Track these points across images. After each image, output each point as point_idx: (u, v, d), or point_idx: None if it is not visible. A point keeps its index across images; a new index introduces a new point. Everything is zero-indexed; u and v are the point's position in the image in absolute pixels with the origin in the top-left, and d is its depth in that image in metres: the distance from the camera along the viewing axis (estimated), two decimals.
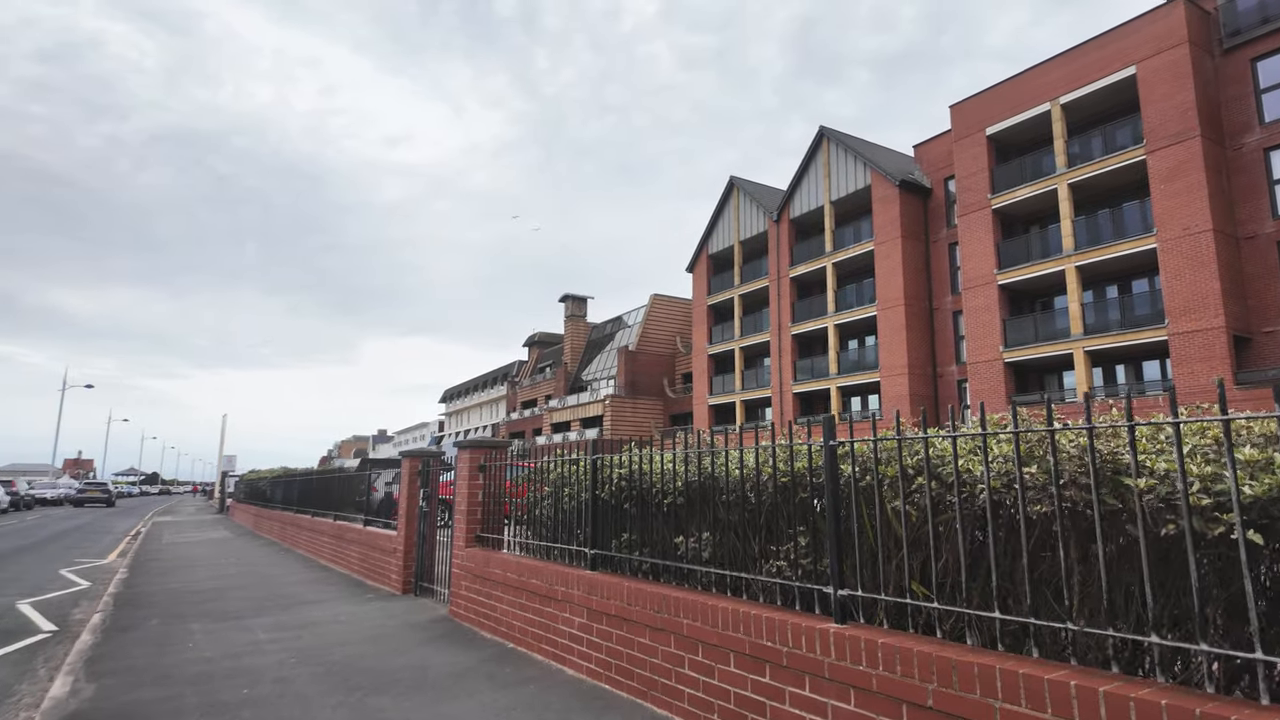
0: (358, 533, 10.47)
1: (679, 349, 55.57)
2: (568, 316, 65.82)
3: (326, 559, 12.25)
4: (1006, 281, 27.90)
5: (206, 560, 13.67)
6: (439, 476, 8.29)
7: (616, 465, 5.09)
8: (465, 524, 6.78)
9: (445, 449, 8.00)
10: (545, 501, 5.93)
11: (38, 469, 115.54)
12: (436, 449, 8.61)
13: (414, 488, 8.51)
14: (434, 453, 8.50)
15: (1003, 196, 28.31)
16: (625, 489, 4.97)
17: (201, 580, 10.59)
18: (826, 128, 36.50)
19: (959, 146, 30.06)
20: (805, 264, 36.82)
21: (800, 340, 37.38)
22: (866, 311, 33.30)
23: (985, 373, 27.99)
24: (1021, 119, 28.06)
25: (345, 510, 11.83)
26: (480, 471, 6.85)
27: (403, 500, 8.65)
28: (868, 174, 34.10)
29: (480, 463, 6.87)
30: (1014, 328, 27.73)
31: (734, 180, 42.45)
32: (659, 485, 4.68)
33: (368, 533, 9.98)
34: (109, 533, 23.42)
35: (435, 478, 8.22)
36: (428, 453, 8.49)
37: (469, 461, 6.85)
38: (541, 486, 6.04)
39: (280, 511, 17.65)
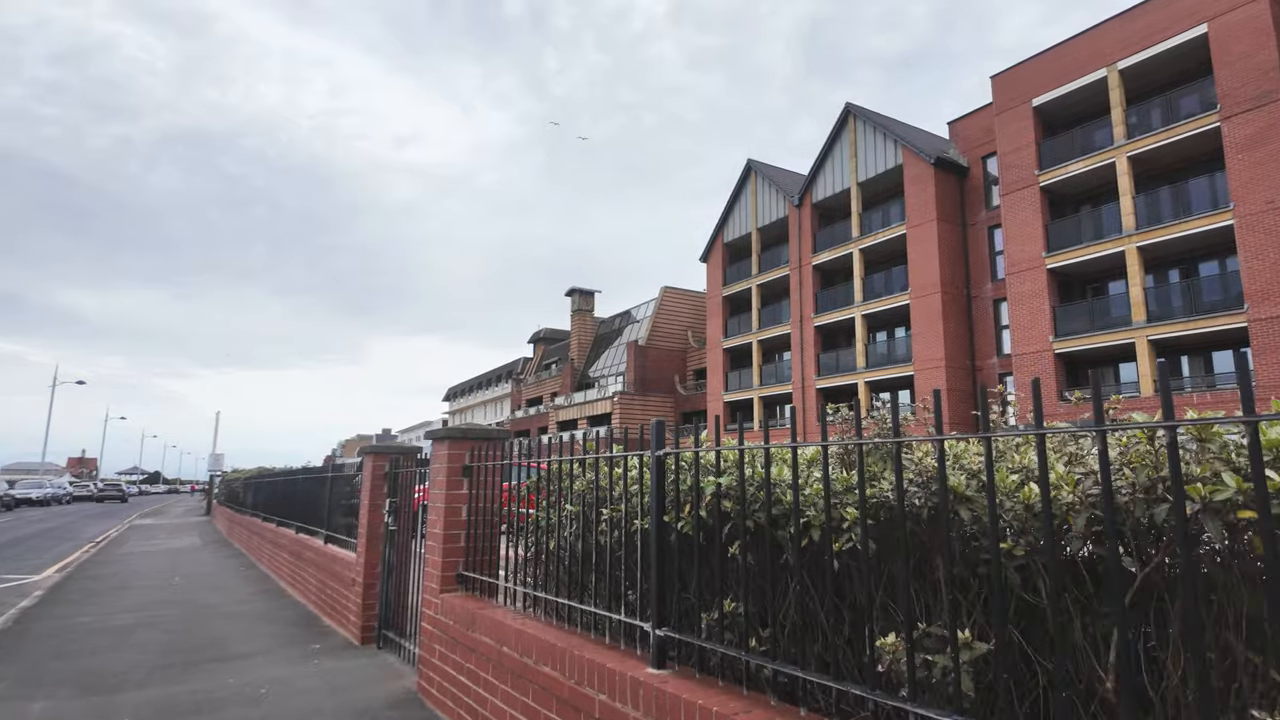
0: (316, 551, 8.19)
1: (691, 343, 53.22)
2: (574, 311, 63.54)
3: (285, 580, 9.96)
4: (1056, 265, 25.48)
5: (149, 578, 11.42)
6: (414, 482, 6.00)
7: (707, 469, 2.80)
8: (441, 555, 4.48)
9: (423, 448, 5.90)
10: (567, 529, 3.61)
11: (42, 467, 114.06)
12: (409, 445, 6.32)
13: (377, 496, 6.21)
14: (404, 449, 6.20)
15: (1052, 173, 25.89)
16: (728, 515, 2.67)
17: (119, 612, 8.32)
18: (853, 104, 34.12)
19: (1001, 120, 27.65)
20: (830, 250, 34.43)
21: (824, 332, 34.99)
22: (898, 300, 30.90)
23: (1033, 365, 25.57)
24: (1072, 88, 25.64)
25: (309, 520, 9.54)
26: (465, 476, 4.56)
27: (363, 513, 6.34)
28: (899, 153, 31.70)
29: (465, 462, 4.58)
30: (1065, 316, 25.31)
31: (751, 164, 40.09)
32: (814, 512, 2.39)
33: (327, 552, 7.68)
34: (71, 539, 21.20)
35: (408, 484, 5.93)
36: (396, 449, 6.19)
37: (448, 459, 4.56)
38: (559, 500, 3.72)
39: (249, 517, 15.40)
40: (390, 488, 6.04)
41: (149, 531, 23.39)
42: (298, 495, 10.39)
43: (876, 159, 32.76)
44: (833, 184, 34.81)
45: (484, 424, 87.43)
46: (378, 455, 6.25)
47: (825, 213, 36.00)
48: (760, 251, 39.25)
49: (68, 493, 53.16)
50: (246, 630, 7.11)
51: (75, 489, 58.59)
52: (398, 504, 5.89)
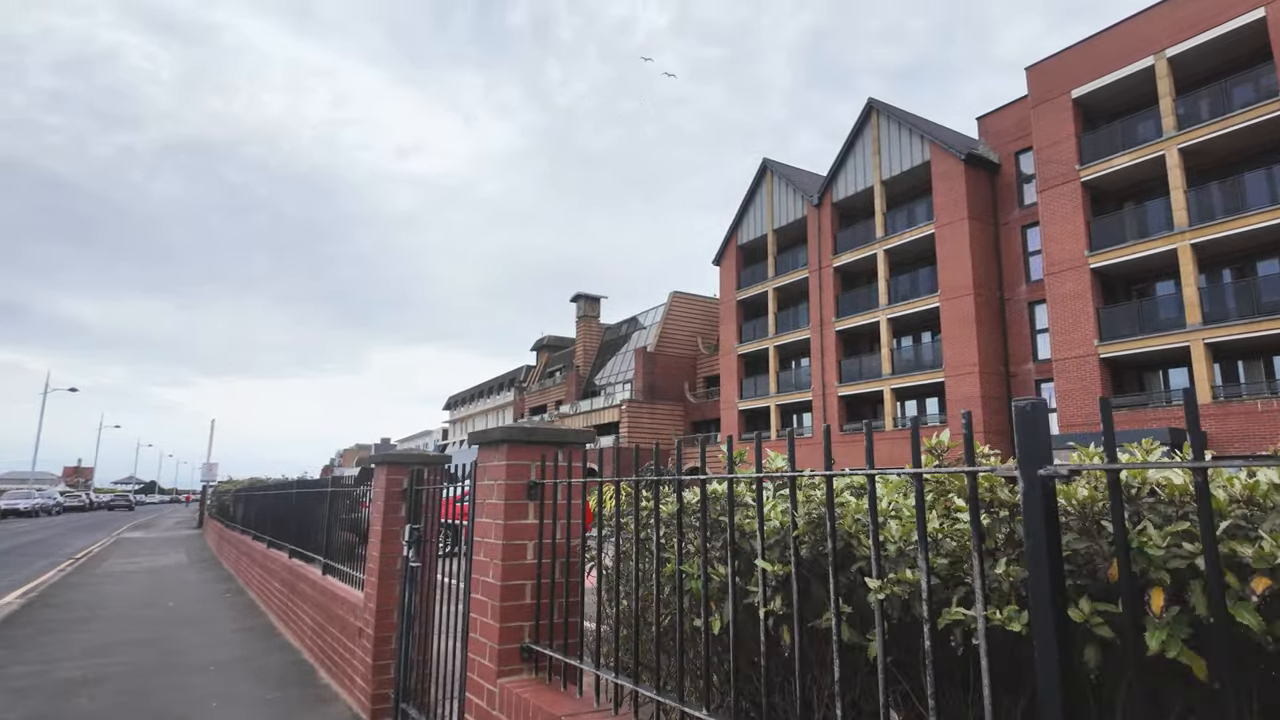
0: (312, 584, 6.67)
1: (701, 350, 51.76)
2: (580, 317, 62.10)
3: (276, 613, 8.43)
4: (1100, 265, 24.04)
5: (121, 605, 9.89)
6: (438, 500, 4.49)
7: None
8: (498, 617, 2.98)
9: (454, 456, 4.58)
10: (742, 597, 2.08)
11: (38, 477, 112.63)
12: (434, 454, 4.83)
13: (393, 520, 4.71)
14: (427, 458, 4.71)
15: (1094, 167, 24.49)
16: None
17: (69, 658, 6.80)
18: (875, 100, 32.79)
19: (1038, 113, 26.28)
20: (851, 252, 33.01)
21: (845, 337, 33.51)
22: (926, 303, 29.44)
23: (1076, 370, 24.08)
24: (1115, 78, 24.28)
25: (304, 543, 8.02)
26: (531, 498, 3.07)
27: (374, 542, 4.83)
28: (926, 149, 30.33)
29: (531, 478, 3.09)
30: (1110, 318, 23.85)
31: (767, 163, 38.73)
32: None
33: (325, 588, 6.16)
34: (50, 555, 19.63)
35: (432, 504, 4.43)
36: (418, 458, 4.70)
37: (506, 473, 3.07)
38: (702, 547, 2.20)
39: (239, 534, 13.86)
40: (411, 509, 4.53)
41: (134, 546, 21.83)
42: (291, 512, 8.87)
43: (901, 156, 31.39)
44: (854, 182, 33.43)
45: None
46: (393, 467, 4.74)
47: (846, 213, 34.59)
48: (776, 254, 37.82)
49: (58, 503, 51.46)
50: (223, 691, 5.58)
51: (67, 499, 56.90)
52: (421, 532, 4.38)
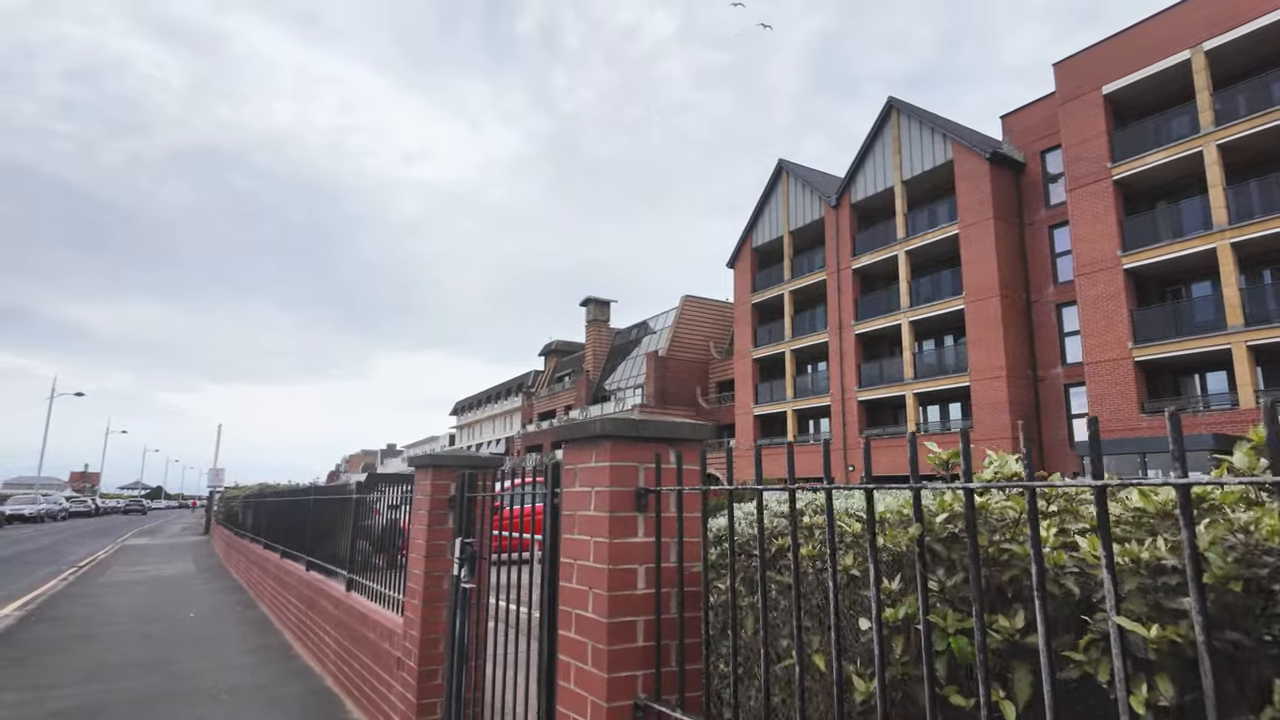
0: (335, 602, 5.99)
1: (713, 354, 51.06)
2: (589, 321, 61.49)
3: (291, 630, 7.75)
4: (1134, 265, 23.29)
5: (123, 621, 9.24)
6: (490, 507, 3.82)
7: None
8: (604, 665, 2.30)
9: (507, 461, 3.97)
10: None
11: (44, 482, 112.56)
12: (488, 455, 4.15)
13: (439, 532, 4.03)
14: (479, 460, 4.04)
15: (1126, 165, 23.76)
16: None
17: (62, 685, 6.14)
18: (895, 98, 32.14)
19: (1066, 110, 25.57)
20: (871, 253, 32.30)
21: (865, 340, 32.78)
22: (950, 305, 28.70)
23: (1109, 374, 23.31)
24: (1149, 73, 23.57)
25: (324, 554, 7.35)
26: (640, 510, 2.39)
27: (415, 558, 4.15)
28: (948, 148, 29.65)
29: (639, 483, 2.42)
30: (1144, 320, 23.09)
31: (783, 164, 38.09)
32: None
33: (352, 607, 5.48)
34: (53, 563, 19.01)
35: (485, 513, 3.77)
36: (467, 460, 4.03)
37: (611, 477, 2.39)
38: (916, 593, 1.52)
39: (249, 542, 13.21)
40: (461, 521, 3.85)
41: (139, 554, 21.21)
42: (308, 521, 8.20)
43: (923, 156, 30.71)
44: (874, 183, 32.75)
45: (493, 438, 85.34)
46: (439, 471, 4.07)
47: (865, 214, 33.90)
48: (793, 256, 37.14)
49: (63, 509, 50.95)
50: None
51: (72, 505, 56.37)
52: (475, 549, 3.70)
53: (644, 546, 2.40)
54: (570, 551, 2.55)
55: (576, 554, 2.50)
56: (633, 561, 2.37)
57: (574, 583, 2.50)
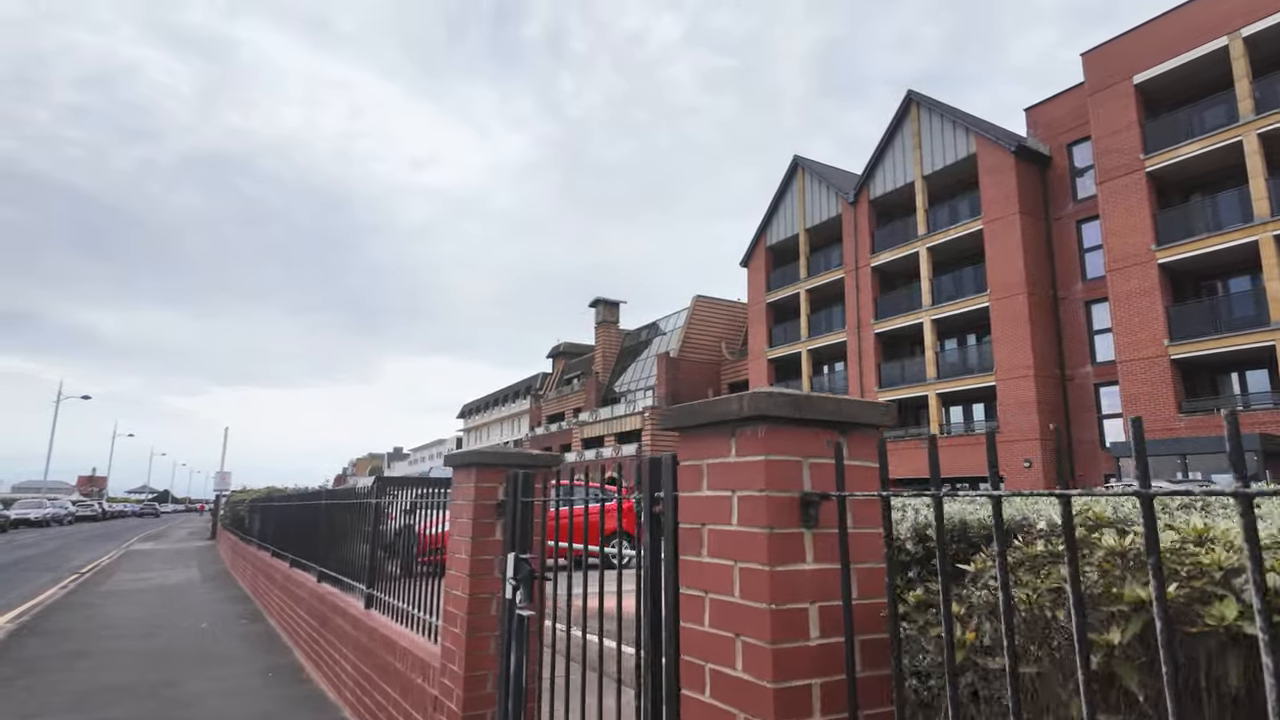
0: (353, 620, 5.29)
1: (725, 355, 50.31)
2: (599, 323, 60.83)
3: (303, 649, 7.05)
4: (1169, 259, 22.48)
5: (121, 635, 8.57)
6: (543, 514, 3.14)
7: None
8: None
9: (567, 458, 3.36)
10: None
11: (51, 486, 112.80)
12: (541, 453, 3.44)
13: (485, 545, 3.33)
14: (535, 459, 3.35)
15: (1160, 156, 22.96)
16: None
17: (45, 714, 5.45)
18: (915, 92, 31.39)
19: (1096, 100, 24.79)
20: (891, 250, 31.53)
21: (885, 339, 32.00)
22: (974, 303, 27.91)
23: (1143, 373, 22.49)
24: (1183, 61, 22.78)
25: (339, 566, 6.66)
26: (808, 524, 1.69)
27: (458, 576, 3.45)
28: (971, 142, 28.89)
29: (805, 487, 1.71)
30: (1180, 316, 22.27)
31: (798, 160, 37.37)
32: None
33: (374, 630, 4.78)
34: (55, 569, 18.42)
35: (538, 522, 3.08)
36: (520, 459, 3.34)
37: (765, 476, 1.68)
38: None
39: (256, 549, 12.54)
40: (514, 532, 3.14)
41: (144, 559, 20.60)
42: (320, 528, 7.51)
43: (944, 150, 29.94)
44: (893, 178, 31.99)
45: (501, 441, 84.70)
46: (484, 470, 3.37)
47: (884, 210, 33.14)
48: (809, 254, 36.39)
49: (69, 513, 50.56)
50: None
51: (79, 509, 55.97)
52: (531, 566, 3.00)
53: (815, 577, 1.69)
54: (700, 580, 1.84)
55: (712, 585, 1.79)
56: (799, 598, 1.66)
57: (708, 625, 1.79)
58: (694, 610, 1.85)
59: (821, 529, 1.73)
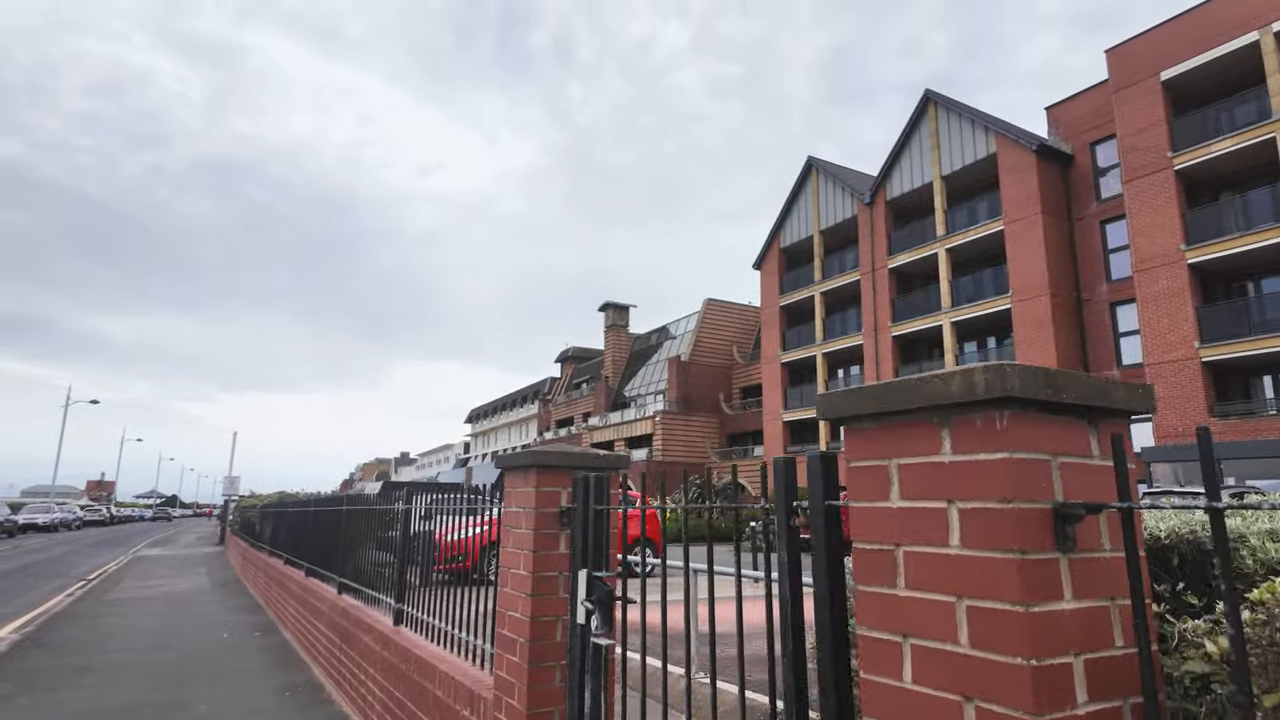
0: (382, 638, 4.83)
1: (736, 359, 49.83)
2: (608, 327, 60.41)
3: (322, 667, 6.60)
4: (1198, 259, 21.92)
5: (127, 648, 8.15)
6: (612, 520, 2.68)
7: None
8: None
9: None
10: None
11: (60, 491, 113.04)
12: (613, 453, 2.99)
13: (550, 559, 2.87)
14: (602, 460, 2.89)
15: (1188, 154, 22.43)
16: None
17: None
18: (932, 91, 30.93)
19: (1121, 98, 24.27)
20: (908, 252, 31.03)
21: (903, 342, 31.46)
22: (995, 305, 27.38)
23: (1173, 376, 21.90)
24: (1212, 57, 22.26)
25: (361, 577, 6.21)
26: (1060, 546, 1.24)
27: (516, 596, 2.98)
28: (990, 141, 28.39)
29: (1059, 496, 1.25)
30: (1211, 317, 21.70)
31: (812, 161, 36.91)
32: None
33: (409, 650, 4.32)
34: (61, 575, 18.05)
35: (608, 529, 2.62)
36: (585, 460, 2.90)
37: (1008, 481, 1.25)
38: None
39: (268, 556, 12.12)
40: (585, 545, 2.68)
41: (151, 566, 20.23)
42: (340, 536, 7.06)
43: (963, 149, 29.45)
44: (910, 179, 31.50)
45: (508, 446, 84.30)
46: (545, 473, 2.91)
47: (901, 211, 32.65)
48: (823, 256, 35.91)
49: (77, 518, 50.31)
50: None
51: (87, 514, 55.76)
52: (608, 586, 2.54)
53: (1077, 618, 1.23)
54: (894, 620, 1.37)
55: (918, 628, 1.33)
56: (1062, 650, 1.20)
57: (911, 681, 1.32)
58: (885, 660, 1.39)
59: (1080, 554, 1.27)
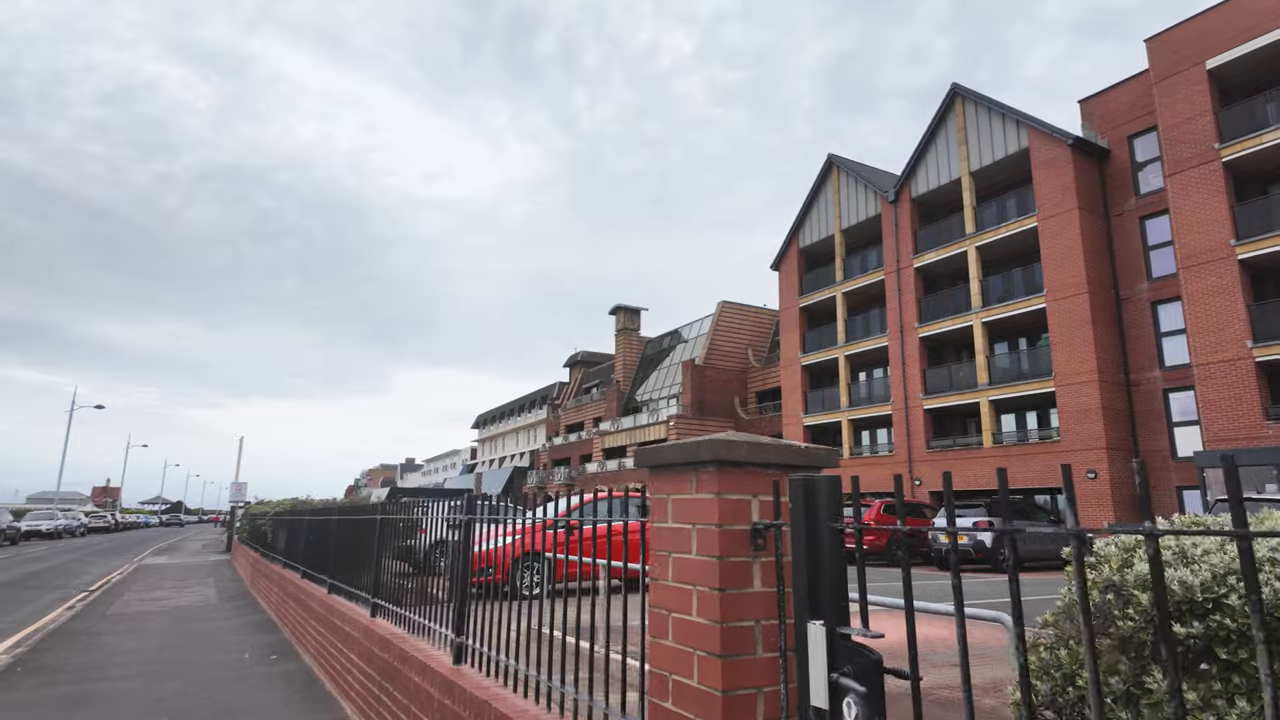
0: (439, 680, 3.89)
1: (752, 362, 48.85)
2: (619, 330, 59.52)
3: (355, 705, 5.67)
4: (1250, 255, 20.94)
5: (128, 675, 7.24)
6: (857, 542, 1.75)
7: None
8: None
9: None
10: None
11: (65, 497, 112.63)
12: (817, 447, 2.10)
13: (738, 601, 1.94)
14: (812, 455, 1.96)
15: (1237, 146, 21.48)
16: None
17: None
18: (960, 86, 30.02)
19: (1164, 89, 23.34)
20: (936, 250, 30.06)
21: (930, 344, 30.47)
22: (1029, 304, 26.39)
23: (1223, 377, 20.90)
24: (1263, 44, 21.34)
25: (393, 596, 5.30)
26: None
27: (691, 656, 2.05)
28: (1022, 136, 27.45)
29: None
30: (1264, 315, 20.70)
31: (833, 159, 36.01)
32: None
33: (481, 698, 3.38)
34: (62, 586, 17.18)
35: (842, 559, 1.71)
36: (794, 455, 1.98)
37: None
38: None
39: (282, 568, 11.20)
40: (818, 583, 1.76)
41: (156, 576, 19.34)
42: (371, 550, 6.13)
43: (994, 145, 28.51)
44: (937, 175, 30.57)
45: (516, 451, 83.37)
46: (731, 472, 1.99)
47: (927, 209, 31.71)
48: (845, 256, 34.97)
49: (82, 524, 49.49)
50: None
51: (92, 520, 54.97)
52: (867, 651, 1.61)
53: None
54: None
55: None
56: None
57: None
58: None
59: None
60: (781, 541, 1.90)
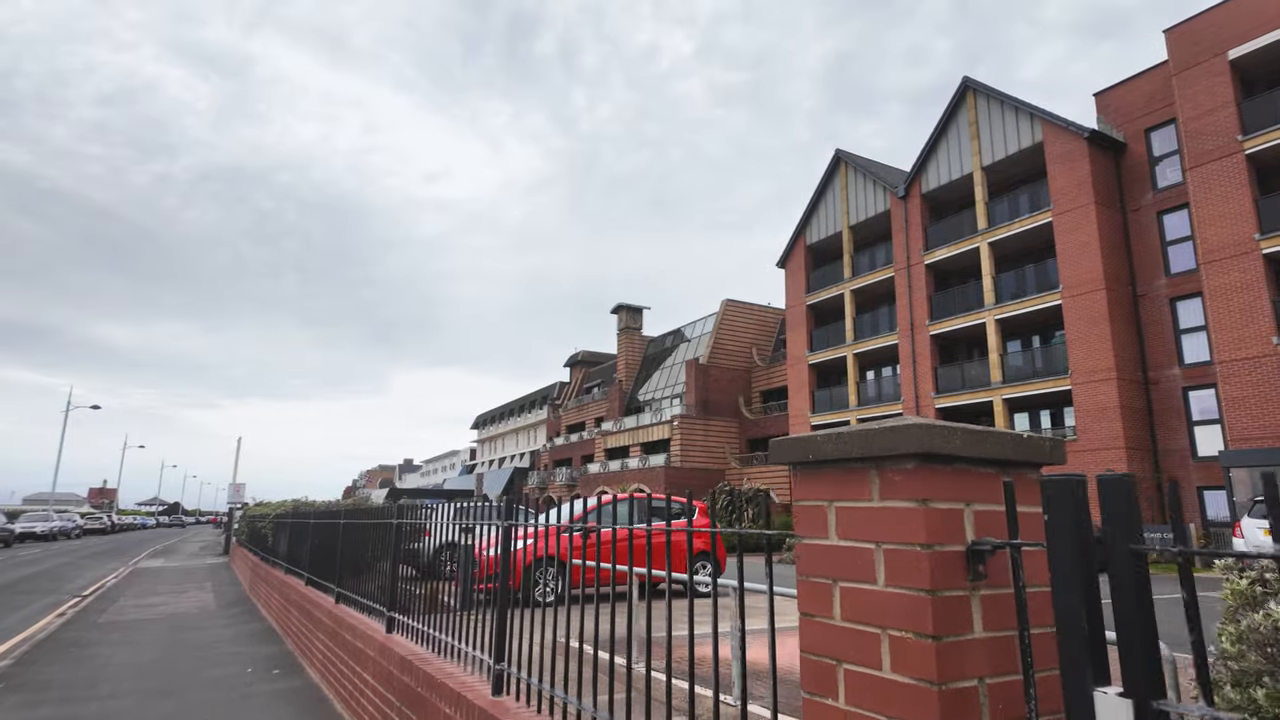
0: (476, 713, 3.33)
1: (756, 361, 48.30)
2: (621, 329, 58.94)
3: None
4: (1274, 250, 20.43)
5: (120, 691, 6.67)
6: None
7: None
8: None
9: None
10: None
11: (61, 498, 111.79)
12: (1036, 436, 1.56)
13: (961, 650, 1.40)
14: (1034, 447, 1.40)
15: (1261, 138, 20.98)
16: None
17: None
18: (970, 79, 29.50)
19: (1184, 80, 22.83)
20: (947, 246, 29.53)
21: (941, 341, 29.94)
22: (1044, 301, 25.87)
23: (1247, 374, 20.39)
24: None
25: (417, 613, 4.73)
26: None
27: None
28: (1036, 129, 26.93)
29: None
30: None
31: (840, 154, 35.48)
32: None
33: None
34: (53, 591, 16.58)
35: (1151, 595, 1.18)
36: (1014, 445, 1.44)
37: None
38: None
39: (284, 574, 10.62)
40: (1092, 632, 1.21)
41: (151, 580, 18.75)
42: (388, 557, 5.56)
43: (1006, 138, 27.99)
44: (948, 170, 30.05)
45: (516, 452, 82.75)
46: (939, 471, 1.47)
47: (938, 204, 31.18)
48: (853, 252, 34.43)
49: (77, 526, 48.80)
50: None
51: (88, 522, 54.25)
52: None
53: None
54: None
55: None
56: None
57: None
58: None
59: None
60: (1020, 568, 1.34)
